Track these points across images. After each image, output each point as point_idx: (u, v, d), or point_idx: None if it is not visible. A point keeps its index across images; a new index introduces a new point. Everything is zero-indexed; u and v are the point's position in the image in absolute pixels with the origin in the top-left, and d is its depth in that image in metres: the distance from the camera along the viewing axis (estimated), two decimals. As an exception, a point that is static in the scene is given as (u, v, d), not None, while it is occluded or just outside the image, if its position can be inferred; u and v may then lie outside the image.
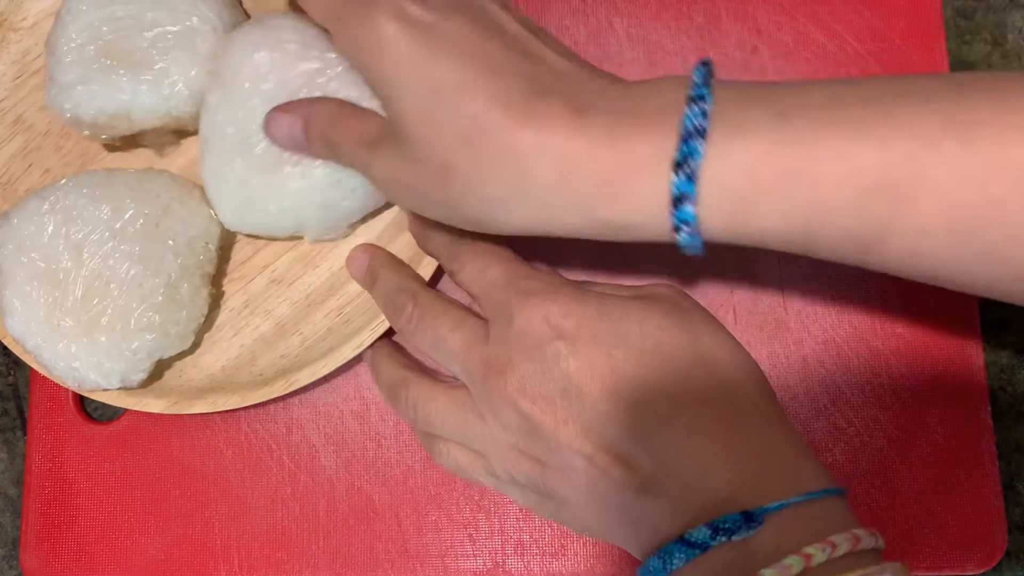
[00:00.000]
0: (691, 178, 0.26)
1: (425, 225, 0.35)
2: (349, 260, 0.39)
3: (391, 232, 0.40)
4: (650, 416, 0.29)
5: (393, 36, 0.28)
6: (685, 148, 0.26)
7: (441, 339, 0.33)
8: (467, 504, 0.40)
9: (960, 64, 0.43)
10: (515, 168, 0.28)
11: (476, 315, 0.33)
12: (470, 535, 0.40)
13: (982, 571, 0.39)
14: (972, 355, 0.40)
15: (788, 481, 0.28)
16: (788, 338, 0.40)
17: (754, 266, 0.40)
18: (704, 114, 0.26)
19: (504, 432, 0.31)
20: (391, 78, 0.29)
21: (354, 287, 0.40)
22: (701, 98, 0.27)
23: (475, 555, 0.40)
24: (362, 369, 0.41)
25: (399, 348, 0.38)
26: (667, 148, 0.27)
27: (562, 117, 0.28)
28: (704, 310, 0.32)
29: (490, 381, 0.31)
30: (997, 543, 0.38)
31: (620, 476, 0.29)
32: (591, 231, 0.29)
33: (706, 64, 0.29)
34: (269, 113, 0.35)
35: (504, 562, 0.40)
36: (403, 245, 0.39)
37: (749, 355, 0.31)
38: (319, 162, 0.36)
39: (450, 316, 0.33)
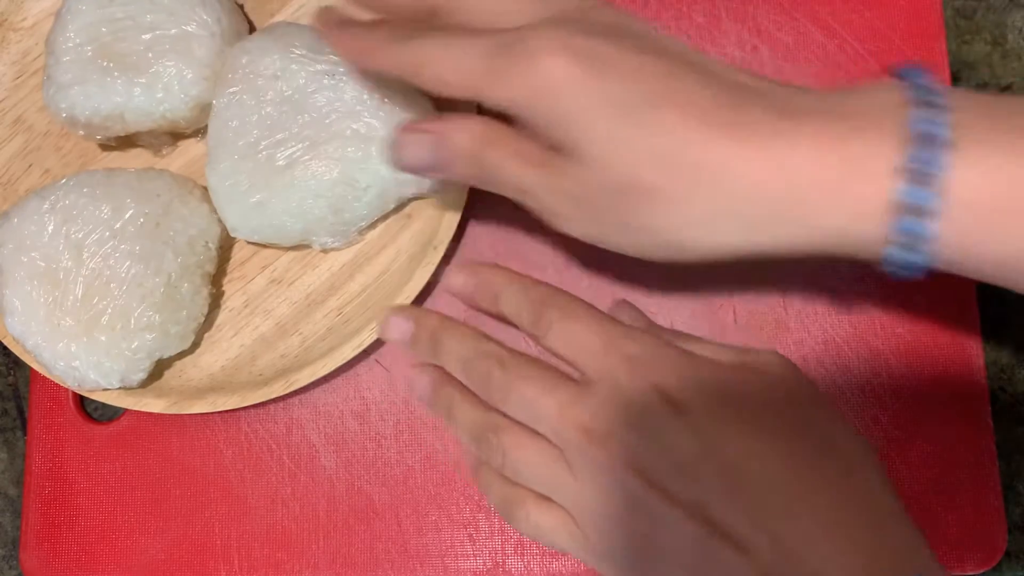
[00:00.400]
0: (926, 186, 0.25)
1: (492, 285, 0.33)
2: (387, 326, 0.34)
3: (393, 229, 0.40)
4: (771, 501, 0.27)
5: (564, 69, 0.27)
6: (923, 155, 0.25)
7: (531, 402, 0.30)
8: (467, 504, 0.40)
9: (960, 64, 0.43)
10: (721, 182, 0.26)
11: (566, 376, 0.30)
12: (470, 535, 0.40)
13: (982, 571, 0.38)
14: (972, 355, 0.39)
15: None
16: (788, 338, 0.40)
17: (754, 266, 0.40)
18: (939, 121, 0.25)
19: (601, 502, 0.29)
20: (572, 110, 0.27)
21: (354, 287, 0.40)
22: (930, 103, 0.26)
23: (475, 555, 0.40)
24: (362, 369, 0.41)
25: (451, 376, 0.33)
26: (889, 151, 0.25)
27: (769, 124, 0.26)
28: (818, 390, 0.30)
29: (589, 449, 0.28)
30: (997, 543, 0.38)
31: (735, 560, 0.27)
32: (807, 244, 0.27)
33: (917, 67, 0.27)
34: (399, 135, 0.31)
35: (504, 562, 0.40)
36: (401, 247, 0.39)
37: (867, 442, 0.30)
38: (332, 161, 0.36)
39: (541, 379, 0.30)
